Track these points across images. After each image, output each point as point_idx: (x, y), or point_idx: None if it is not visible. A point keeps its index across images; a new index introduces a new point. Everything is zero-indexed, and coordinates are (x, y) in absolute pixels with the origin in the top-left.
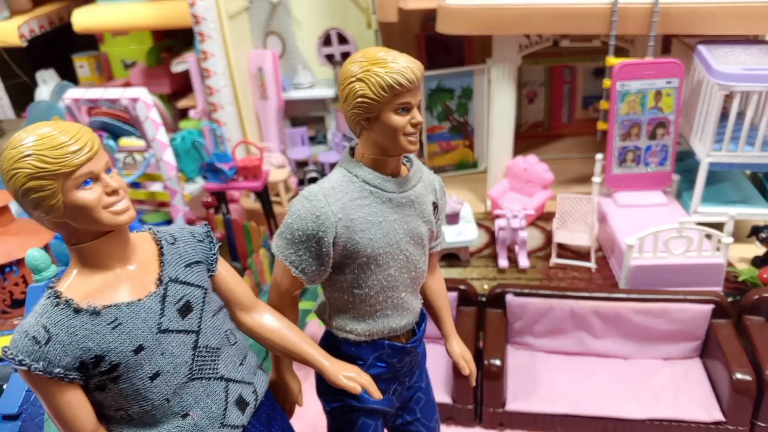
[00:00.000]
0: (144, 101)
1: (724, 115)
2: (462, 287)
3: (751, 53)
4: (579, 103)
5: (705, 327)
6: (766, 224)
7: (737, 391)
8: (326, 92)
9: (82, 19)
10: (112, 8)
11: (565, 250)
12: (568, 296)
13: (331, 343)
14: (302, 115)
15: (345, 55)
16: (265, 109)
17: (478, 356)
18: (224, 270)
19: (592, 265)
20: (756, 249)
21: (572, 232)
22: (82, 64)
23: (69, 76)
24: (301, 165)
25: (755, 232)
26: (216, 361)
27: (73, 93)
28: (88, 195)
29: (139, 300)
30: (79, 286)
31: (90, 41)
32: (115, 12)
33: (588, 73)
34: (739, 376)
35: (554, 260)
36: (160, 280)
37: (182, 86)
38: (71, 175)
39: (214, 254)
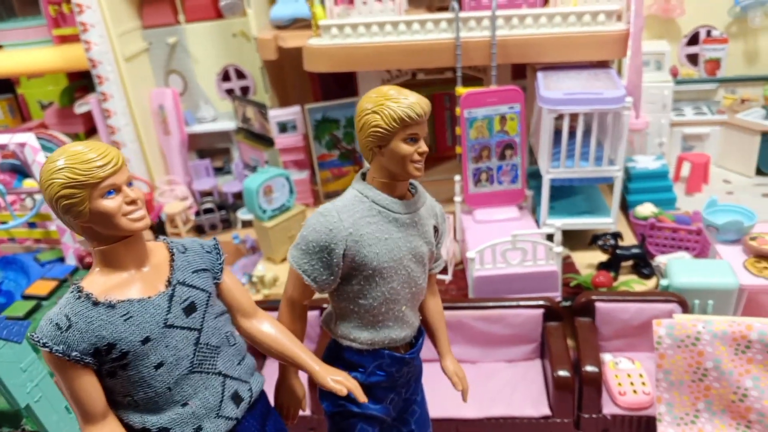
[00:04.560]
0: (31, 145)
1: (570, 134)
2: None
3: (580, 78)
4: None
5: (539, 330)
6: (604, 233)
7: (558, 387)
8: (228, 125)
9: None
10: (17, 54)
11: None
12: None
13: (335, 351)
14: (208, 147)
15: (244, 90)
16: (168, 144)
17: None
18: (229, 279)
19: (447, 277)
20: (603, 255)
21: None
22: None
23: None
24: (206, 195)
25: (594, 240)
26: (215, 357)
27: None
28: (111, 203)
29: (149, 297)
30: (98, 282)
31: (7, 83)
32: (20, 57)
33: None
34: (560, 373)
35: None
36: (169, 281)
37: (95, 125)
38: (97, 186)
39: (220, 264)
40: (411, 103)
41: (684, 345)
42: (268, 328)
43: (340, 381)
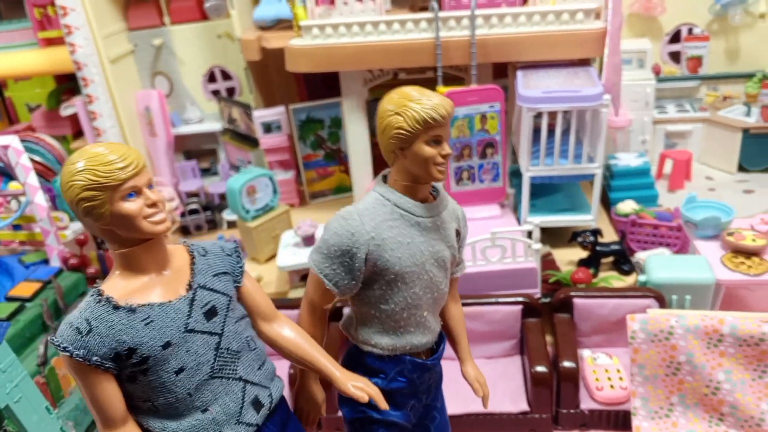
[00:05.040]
0: (14, 148)
1: (550, 132)
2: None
3: (559, 76)
4: None
5: (518, 326)
6: (584, 230)
7: (536, 383)
8: (214, 126)
9: None
10: (3, 57)
11: None
12: None
13: (355, 356)
14: (195, 149)
15: (230, 91)
16: (155, 146)
17: None
18: (249, 283)
19: None
20: (584, 252)
21: None
22: None
23: None
24: (193, 196)
25: (574, 237)
26: (236, 362)
27: None
28: (131, 206)
29: (170, 301)
30: (119, 286)
31: None
32: (7, 60)
33: None
34: (537, 369)
35: None
36: (190, 285)
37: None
38: (118, 188)
39: (241, 267)
40: (434, 104)
41: (657, 339)
42: (288, 332)
43: (361, 387)
